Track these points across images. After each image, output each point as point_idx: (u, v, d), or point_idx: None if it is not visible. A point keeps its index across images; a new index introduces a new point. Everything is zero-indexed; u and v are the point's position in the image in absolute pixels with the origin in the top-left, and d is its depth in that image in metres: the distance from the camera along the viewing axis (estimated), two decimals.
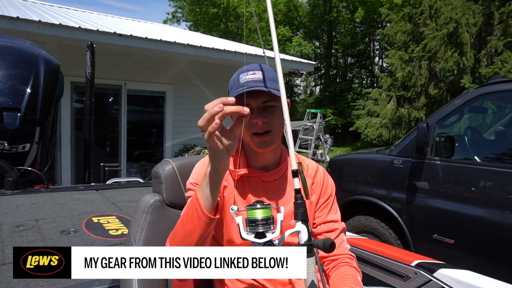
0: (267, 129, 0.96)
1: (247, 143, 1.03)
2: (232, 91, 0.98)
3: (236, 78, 0.98)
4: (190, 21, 26.28)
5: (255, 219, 0.73)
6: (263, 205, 0.74)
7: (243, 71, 0.98)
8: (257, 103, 0.95)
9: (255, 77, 0.96)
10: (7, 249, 1.41)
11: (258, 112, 0.95)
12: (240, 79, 0.97)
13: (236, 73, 1.01)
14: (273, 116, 0.97)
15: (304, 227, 0.77)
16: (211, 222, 0.82)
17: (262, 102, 0.95)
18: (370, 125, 10.72)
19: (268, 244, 0.72)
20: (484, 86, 2.65)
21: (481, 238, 2.39)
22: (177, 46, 5.60)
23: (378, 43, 22.36)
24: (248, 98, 0.93)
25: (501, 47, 7.16)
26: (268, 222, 0.73)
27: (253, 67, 0.99)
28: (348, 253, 1.06)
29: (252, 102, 0.95)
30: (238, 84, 0.96)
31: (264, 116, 0.95)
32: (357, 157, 3.71)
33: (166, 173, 1.15)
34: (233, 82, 0.99)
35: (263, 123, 0.95)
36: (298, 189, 0.80)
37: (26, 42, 2.73)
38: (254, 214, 0.73)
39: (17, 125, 2.25)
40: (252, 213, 0.74)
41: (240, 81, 0.96)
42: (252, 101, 0.95)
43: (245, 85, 0.94)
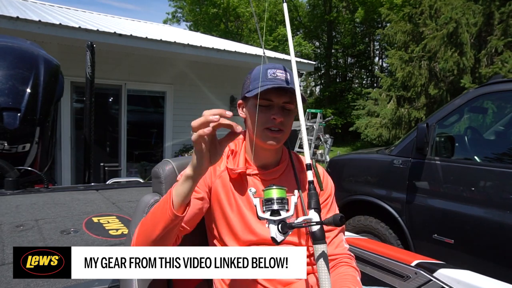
0: (281, 128, 0.98)
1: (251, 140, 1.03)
2: (256, 82, 0.98)
3: (264, 72, 0.99)
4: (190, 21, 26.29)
5: (270, 198, 0.77)
6: (278, 186, 0.78)
7: (271, 67, 1.00)
8: (279, 101, 0.98)
9: (283, 76, 0.98)
10: (7, 249, 1.41)
11: (278, 110, 0.98)
12: (268, 74, 0.98)
13: (261, 66, 1.01)
14: (288, 118, 1.00)
15: (315, 214, 0.82)
16: (175, 218, 0.81)
17: (283, 101, 0.98)
18: (370, 125, 10.73)
19: (281, 222, 0.75)
20: (484, 86, 2.65)
21: (481, 238, 2.39)
22: (177, 46, 5.61)
23: (378, 43, 22.37)
24: (272, 94, 0.96)
25: (501, 47, 7.16)
26: (283, 201, 0.77)
27: (281, 66, 1.01)
28: (347, 252, 1.06)
29: (275, 99, 0.97)
30: (265, 78, 0.98)
31: (282, 115, 0.97)
32: (357, 157, 3.71)
33: (166, 173, 1.14)
34: (259, 74, 1.00)
35: (280, 122, 0.97)
36: (311, 180, 0.87)
37: (26, 42, 2.73)
38: (270, 194, 0.77)
39: (17, 125, 2.25)
40: (268, 193, 0.77)
41: (268, 75, 0.98)
42: (275, 98, 0.97)
43: (273, 81, 0.96)
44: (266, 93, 0.95)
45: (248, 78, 1.04)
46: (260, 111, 0.96)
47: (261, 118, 0.96)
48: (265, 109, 0.97)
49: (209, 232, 1.08)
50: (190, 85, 6.69)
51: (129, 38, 5.12)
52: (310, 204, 0.83)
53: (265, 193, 0.78)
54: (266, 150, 1.03)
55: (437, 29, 8.29)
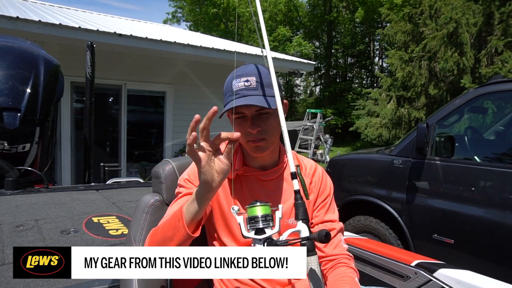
0: (262, 137, 0.94)
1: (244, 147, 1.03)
2: (226, 97, 0.96)
3: (229, 84, 0.95)
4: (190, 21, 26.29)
5: (255, 216, 0.75)
6: (262, 202, 0.76)
7: (236, 76, 0.95)
8: (251, 112, 0.93)
9: (248, 84, 0.92)
10: (7, 249, 1.41)
11: (252, 120, 0.93)
12: (232, 86, 0.94)
13: (229, 77, 0.97)
14: (268, 123, 0.95)
15: (305, 226, 0.78)
16: (189, 237, 0.82)
17: (256, 110, 0.93)
18: (370, 125, 10.72)
19: (267, 239, 0.73)
20: (484, 86, 2.65)
21: (481, 238, 2.39)
22: (177, 46, 5.61)
23: (378, 43, 22.38)
24: (241, 107, 0.91)
25: (501, 47, 7.16)
26: (267, 218, 0.74)
27: (246, 71, 0.95)
28: (345, 253, 1.05)
29: (246, 111, 0.93)
30: (231, 92, 0.94)
31: (258, 124, 0.93)
32: (357, 157, 3.71)
33: (166, 173, 1.14)
34: (226, 88, 0.97)
35: (258, 132, 0.93)
36: (297, 190, 0.81)
37: (26, 42, 2.73)
38: (254, 212, 0.75)
39: (17, 125, 2.25)
40: (252, 211, 0.75)
41: (233, 88, 0.93)
42: (246, 109, 0.93)
43: (238, 94, 0.92)
44: (236, 108, 0.91)
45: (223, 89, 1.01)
46: (237, 125, 0.94)
47: (240, 131, 0.92)
48: (241, 121, 0.94)
49: (208, 232, 1.08)
50: (190, 85, 6.69)
51: (129, 38, 5.12)
52: (298, 215, 0.80)
53: (248, 210, 0.76)
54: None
55: (437, 29, 8.29)
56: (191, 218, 0.81)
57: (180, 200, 0.98)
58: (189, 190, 0.99)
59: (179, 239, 0.83)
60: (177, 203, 0.97)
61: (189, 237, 0.82)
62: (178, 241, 0.83)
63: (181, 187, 1.01)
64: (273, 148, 1.01)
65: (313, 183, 1.08)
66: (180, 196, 0.99)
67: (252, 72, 0.95)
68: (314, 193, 1.08)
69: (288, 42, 21.21)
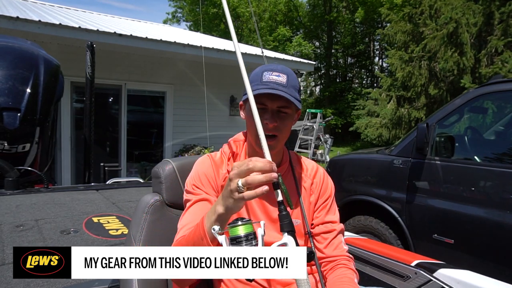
0: (274, 133, 0.95)
1: (250, 143, 1.03)
2: (252, 85, 0.95)
3: (259, 74, 0.96)
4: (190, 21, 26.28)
5: (237, 236, 0.72)
6: (244, 221, 0.73)
7: (268, 69, 0.96)
8: (273, 106, 0.95)
9: (279, 79, 0.94)
10: (7, 249, 1.41)
11: (272, 114, 0.94)
12: (263, 77, 0.95)
13: (259, 68, 0.99)
14: (284, 122, 0.96)
15: (291, 239, 0.76)
16: None
17: (277, 106, 0.95)
18: (370, 125, 10.73)
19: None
20: (484, 86, 2.65)
21: (481, 238, 2.39)
22: (177, 46, 5.61)
23: (378, 43, 22.36)
24: (265, 98, 0.93)
25: (501, 47, 7.16)
26: (249, 238, 0.72)
27: (278, 68, 0.97)
28: (345, 254, 1.06)
29: (269, 104, 0.94)
30: (260, 82, 0.95)
31: (276, 120, 0.94)
32: (357, 157, 3.71)
33: (166, 173, 1.14)
34: (255, 76, 0.97)
35: (273, 127, 0.94)
36: (280, 201, 0.78)
37: (26, 42, 2.73)
38: (237, 231, 0.72)
39: (17, 125, 2.25)
40: (234, 230, 0.73)
41: (263, 79, 0.95)
42: (269, 102, 0.94)
43: (267, 85, 0.93)
44: (260, 97, 0.93)
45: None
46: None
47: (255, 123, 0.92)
48: (261, 112, 0.92)
49: None
50: (190, 85, 6.69)
51: (129, 38, 5.12)
52: (283, 227, 0.76)
53: (231, 230, 0.73)
54: None
55: (437, 29, 8.29)
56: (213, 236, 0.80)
57: (192, 209, 0.96)
58: (199, 196, 0.97)
59: None
60: (190, 213, 0.95)
61: None
62: None
63: (190, 194, 1.00)
64: (279, 149, 1.03)
65: (314, 184, 1.09)
66: (191, 204, 0.97)
67: (284, 70, 0.97)
68: (315, 194, 1.08)
69: (288, 42, 21.20)
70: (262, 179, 0.71)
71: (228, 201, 0.75)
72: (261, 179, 0.71)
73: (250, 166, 0.71)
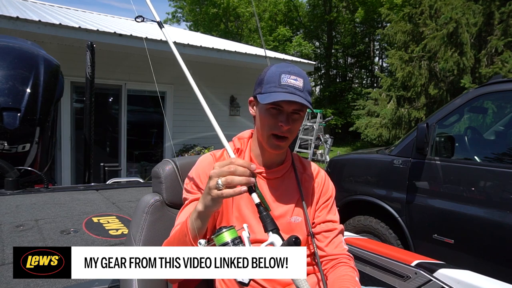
0: (286, 135, 0.97)
1: (258, 140, 1.04)
2: (268, 86, 0.96)
3: (277, 76, 0.96)
4: (190, 21, 26.27)
5: (225, 242, 0.74)
6: (227, 228, 0.75)
7: (285, 71, 0.96)
8: (288, 109, 0.96)
9: (296, 83, 0.95)
10: (7, 249, 1.41)
11: (287, 117, 0.96)
12: (281, 79, 0.95)
13: (275, 68, 0.98)
14: (295, 125, 0.98)
15: (276, 236, 0.77)
16: None
17: (293, 109, 0.96)
18: (370, 125, 10.73)
19: None
20: (484, 86, 2.65)
21: (481, 238, 2.39)
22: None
23: (378, 43, 22.34)
24: (283, 102, 0.94)
25: (501, 47, 7.16)
26: (235, 242, 0.74)
27: (295, 71, 0.97)
28: (346, 253, 1.07)
29: (285, 106, 0.95)
30: (278, 84, 0.95)
31: (290, 122, 0.96)
32: (357, 157, 3.71)
33: (166, 173, 1.14)
34: (272, 77, 0.97)
35: (287, 129, 0.96)
36: (258, 203, 0.80)
37: (27, 42, 2.73)
38: (223, 239, 0.74)
39: (17, 125, 2.25)
40: (220, 238, 0.74)
41: (281, 81, 0.95)
42: (286, 105, 0.95)
43: (285, 88, 0.94)
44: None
45: (263, 76, 1.00)
46: (269, 115, 0.96)
47: (269, 122, 0.96)
48: (276, 112, 0.96)
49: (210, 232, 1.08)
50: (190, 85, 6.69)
51: (129, 38, 5.12)
52: (266, 227, 0.78)
53: (216, 239, 0.75)
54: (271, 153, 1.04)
55: (437, 29, 8.29)
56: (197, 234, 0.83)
57: (187, 208, 0.99)
58: (195, 196, 0.99)
59: None
60: (184, 212, 0.98)
61: None
62: None
63: (188, 193, 1.02)
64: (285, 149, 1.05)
65: (315, 183, 1.11)
66: (187, 203, 1.00)
67: (301, 74, 0.98)
68: (316, 194, 1.10)
69: (288, 42, 21.20)
70: (241, 181, 0.75)
71: (206, 199, 0.78)
72: (240, 180, 0.75)
73: (232, 169, 0.75)
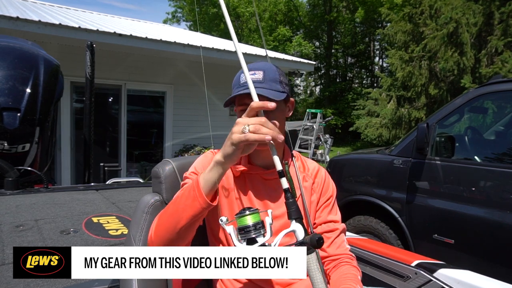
0: None
1: None
2: (233, 90, 1.01)
3: (238, 77, 1.00)
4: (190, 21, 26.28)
5: (245, 225, 0.73)
6: (251, 210, 0.74)
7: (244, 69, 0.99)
8: None
9: (255, 77, 0.96)
10: (7, 249, 1.41)
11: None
12: (240, 79, 0.99)
13: (239, 72, 1.02)
14: (272, 116, 0.94)
15: (299, 225, 0.75)
16: (206, 206, 0.80)
17: None
18: (370, 125, 10.73)
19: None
20: (485, 86, 2.65)
21: (481, 238, 2.39)
22: (177, 46, 5.60)
23: (378, 43, 22.34)
24: (246, 99, 0.94)
25: (502, 47, 7.17)
26: (257, 227, 0.73)
27: (255, 66, 1.00)
28: (348, 253, 1.06)
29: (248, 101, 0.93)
30: (238, 85, 0.98)
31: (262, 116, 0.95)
32: (357, 157, 3.71)
33: (166, 173, 1.14)
34: (235, 81, 1.01)
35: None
36: (286, 188, 0.78)
37: (27, 42, 2.73)
38: (245, 221, 0.73)
39: (17, 125, 2.25)
40: (242, 220, 0.73)
41: (240, 81, 0.98)
42: (248, 100, 0.93)
43: (244, 86, 0.95)
44: (241, 99, 0.96)
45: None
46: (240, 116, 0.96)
47: None
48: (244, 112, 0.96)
49: (209, 231, 1.08)
50: (190, 85, 6.69)
51: (129, 38, 5.12)
52: (291, 215, 0.76)
53: (238, 220, 0.73)
54: (264, 151, 1.02)
55: (437, 29, 8.29)
56: (210, 186, 0.80)
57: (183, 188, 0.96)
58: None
59: (194, 210, 0.80)
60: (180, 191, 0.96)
61: (207, 207, 0.80)
62: (192, 213, 0.80)
63: (187, 179, 1.01)
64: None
65: (315, 183, 1.09)
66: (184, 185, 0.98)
67: (260, 67, 0.99)
68: (316, 193, 1.08)
69: (288, 42, 21.20)
70: (268, 132, 0.74)
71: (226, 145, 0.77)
72: (267, 131, 0.74)
73: (263, 121, 0.75)
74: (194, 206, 0.80)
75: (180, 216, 0.82)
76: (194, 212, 0.81)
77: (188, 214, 0.81)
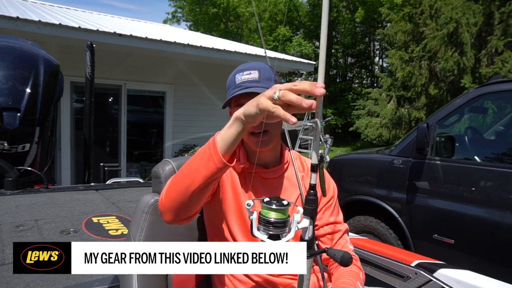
0: (264, 129, 0.94)
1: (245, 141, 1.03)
2: (228, 91, 0.99)
3: (233, 78, 0.99)
4: (190, 21, 26.28)
5: (267, 220, 0.69)
6: (277, 205, 0.69)
7: (239, 70, 0.99)
8: None
9: (251, 77, 0.96)
10: (7, 249, 1.41)
11: None
12: (236, 79, 0.98)
13: (233, 72, 1.01)
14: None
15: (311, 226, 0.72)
16: (221, 166, 0.73)
17: None
18: (370, 125, 10.73)
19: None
20: (485, 86, 2.65)
21: (481, 238, 2.38)
22: (177, 46, 5.61)
23: (378, 43, 22.35)
24: (243, 99, 0.93)
25: (502, 47, 7.17)
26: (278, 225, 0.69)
27: (249, 66, 0.99)
28: (351, 253, 1.06)
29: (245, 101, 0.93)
30: (234, 85, 0.97)
31: None
32: (357, 157, 3.71)
33: (166, 173, 1.14)
34: (230, 82, 1.00)
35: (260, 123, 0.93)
36: (313, 184, 0.70)
37: (27, 42, 2.73)
38: (268, 214, 0.70)
39: (17, 125, 2.25)
40: (266, 213, 0.70)
41: (236, 81, 0.97)
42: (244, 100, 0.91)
43: (240, 86, 0.95)
44: (238, 99, 0.95)
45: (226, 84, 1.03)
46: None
47: None
48: None
49: (208, 227, 1.08)
50: (190, 85, 6.69)
51: (129, 38, 5.12)
52: (308, 212, 0.70)
53: (263, 210, 0.70)
54: (264, 151, 1.02)
55: (437, 29, 8.29)
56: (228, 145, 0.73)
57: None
58: None
59: (208, 171, 0.74)
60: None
61: (222, 167, 0.73)
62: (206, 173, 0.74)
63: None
64: (274, 144, 1.02)
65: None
66: None
67: (255, 66, 0.98)
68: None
69: (288, 42, 21.20)
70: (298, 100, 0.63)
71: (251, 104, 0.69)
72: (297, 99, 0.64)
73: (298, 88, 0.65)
74: (209, 166, 0.74)
75: (194, 177, 0.76)
76: (208, 172, 0.74)
77: (202, 175, 0.75)
